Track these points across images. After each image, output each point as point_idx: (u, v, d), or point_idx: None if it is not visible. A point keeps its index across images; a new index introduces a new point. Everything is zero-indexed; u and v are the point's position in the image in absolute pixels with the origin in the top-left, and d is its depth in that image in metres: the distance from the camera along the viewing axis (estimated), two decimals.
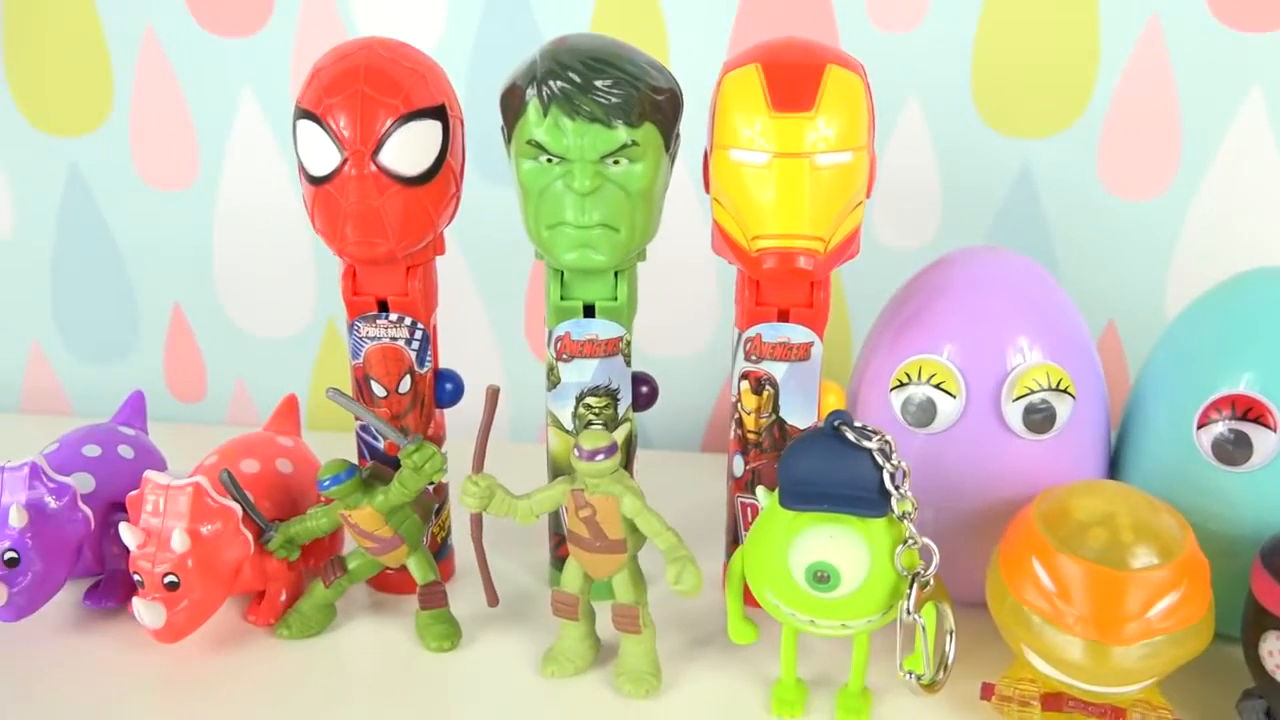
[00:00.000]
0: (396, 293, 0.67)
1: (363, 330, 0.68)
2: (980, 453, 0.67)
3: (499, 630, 0.71)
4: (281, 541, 0.69)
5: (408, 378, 0.69)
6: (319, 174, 0.63)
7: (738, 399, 0.70)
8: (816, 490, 0.58)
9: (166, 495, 0.66)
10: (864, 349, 0.74)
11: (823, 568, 0.57)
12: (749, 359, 0.68)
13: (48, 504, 0.67)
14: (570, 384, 0.69)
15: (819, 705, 0.64)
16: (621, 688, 0.64)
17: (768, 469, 0.70)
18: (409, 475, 0.65)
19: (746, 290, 0.66)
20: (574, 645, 0.66)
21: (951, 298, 0.69)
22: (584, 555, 0.63)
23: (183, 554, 0.64)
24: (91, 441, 0.74)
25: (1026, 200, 0.90)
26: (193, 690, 0.65)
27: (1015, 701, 0.61)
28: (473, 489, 0.63)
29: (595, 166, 0.62)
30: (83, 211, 1.00)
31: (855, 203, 0.63)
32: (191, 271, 1.00)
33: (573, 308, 0.67)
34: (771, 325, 0.67)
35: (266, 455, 0.73)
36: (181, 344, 1.02)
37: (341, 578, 0.69)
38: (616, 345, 0.69)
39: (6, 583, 0.65)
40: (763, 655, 0.68)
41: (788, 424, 0.69)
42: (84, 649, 0.69)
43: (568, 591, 0.65)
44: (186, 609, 0.65)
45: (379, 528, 0.66)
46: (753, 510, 0.71)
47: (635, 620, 0.64)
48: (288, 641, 0.69)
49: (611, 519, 0.62)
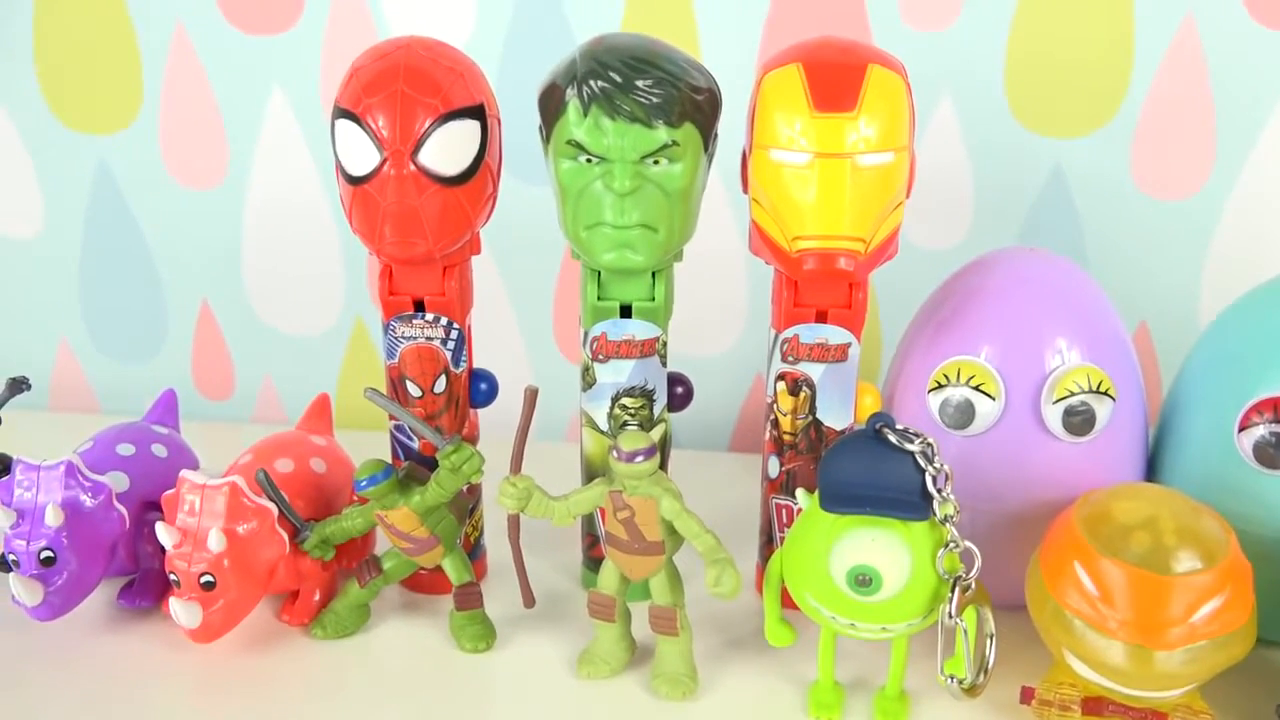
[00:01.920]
0: (433, 292, 0.67)
1: (398, 330, 0.68)
2: (1018, 455, 0.66)
3: (533, 631, 0.71)
4: (316, 541, 0.69)
5: (443, 378, 0.69)
6: (358, 174, 0.63)
7: (774, 400, 0.69)
8: (858, 493, 0.57)
9: (203, 495, 0.66)
10: (899, 351, 0.74)
11: (864, 571, 0.57)
12: (786, 360, 0.68)
13: (83, 503, 0.67)
14: (606, 384, 0.69)
15: (856, 708, 0.64)
16: (658, 690, 0.64)
17: (803, 470, 0.69)
18: (446, 476, 0.65)
19: (784, 291, 0.66)
20: (610, 647, 0.66)
21: (989, 299, 0.69)
22: (621, 557, 0.63)
23: (219, 554, 0.64)
24: (125, 440, 0.74)
25: (1059, 200, 0.90)
26: (227, 690, 0.65)
27: (1055, 706, 0.60)
28: (510, 490, 0.63)
29: (635, 167, 0.62)
30: (112, 209, 1.00)
31: (895, 203, 0.62)
32: (220, 269, 1.00)
33: (609, 308, 0.67)
34: (809, 326, 0.66)
35: (301, 454, 0.73)
36: (209, 342, 1.02)
37: (376, 578, 0.69)
38: (653, 346, 0.68)
39: (43, 581, 0.66)
40: (799, 658, 0.67)
41: (824, 425, 0.68)
42: (119, 648, 0.69)
43: (604, 593, 0.65)
44: (222, 609, 0.65)
45: (415, 529, 0.66)
46: (788, 512, 0.71)
47: (673, 622, 0.63)
48: (322, 642, 0.69)
49: (650, 521, 0.61)
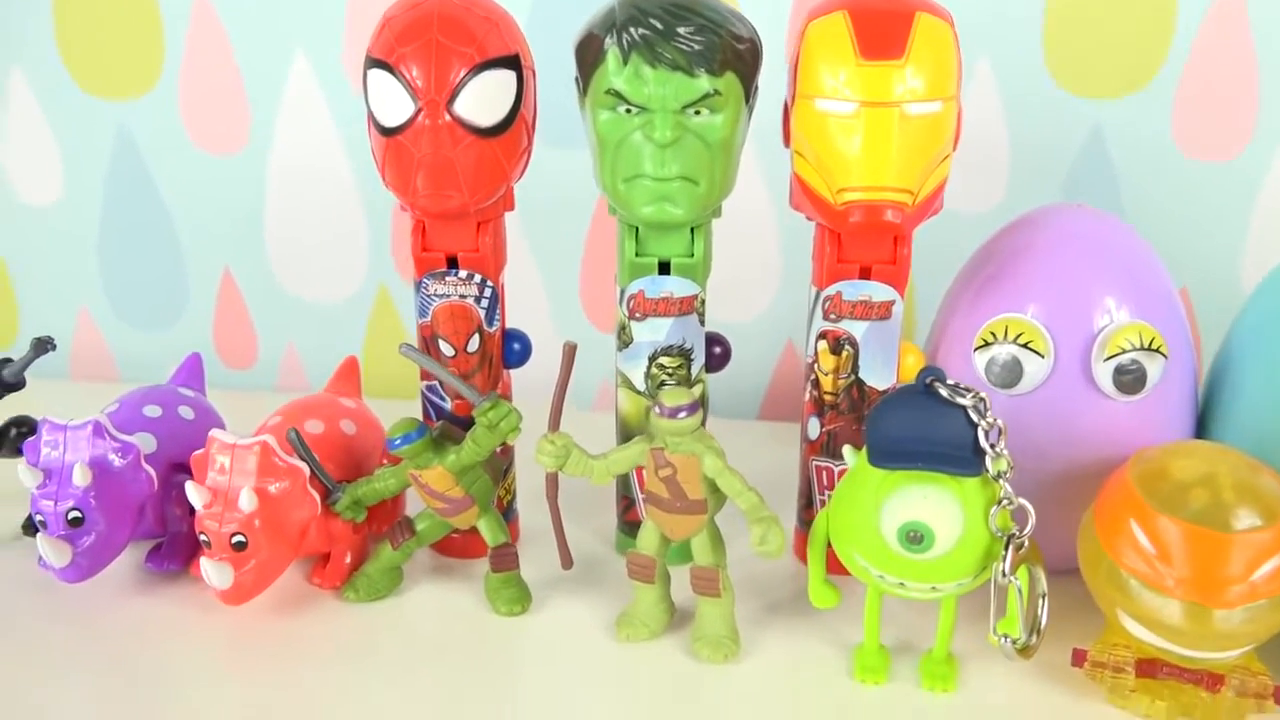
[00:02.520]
0: (466, 249, 0.66)
1: (431, 288, 0.67)
2: (1067, 414, 0.65)
3: (569, 595, 0.69)
4: (349, 503, 0.67)
5: (476, 336, 0.68)
6: (391, 125, 0.61)
7: (814, 359, 0.68)
8: (909, 449, 0.56)
9: (234, 454, 0.64)
10: (941, 310, 0.72)
11: (916, 528, 0.55)
12: (828, 318, 0.66)
13: (112, 462, 0.66)
14: (643, 343, 0.67)
15: (901, 672, 0.62)
16: (699, 652, 0.63)
17: (845, 431, 0.68)
18: (483, 434, 0.64)
19: (827, 246, 0.64)
20: (649, 609, 0.65)
21: (1035, 256, 0.67)
22: (662, 516, 0.62)
23: (250, 513, 0.63)
24: (152, 402, 0.72)
25: (1098, 162, 0.88)
26: (258, 653, 0.64)
27: (1109, 668, 0.59)
28: (549, 447, 0.61)
29: (676, 117, 0.60)
30: (132, 176, 0.99)
31: (943, 155, 0.61)
32: (242, 236, 0.99)
33: (647, 264, 0.66)
34: (852, 283, 0.65)
35: (330, 416, 0.72)
36: (231, 309, 1.01)
37: (409, 540, 0.68)
38: (691, 304, 0.67)
39: (70, 542, 0.64)
40: (840, 621, 0.66)
41: (866, 385, 0.67)
42: (147, 612, 0.67)
43: (644, 553, 0.63)
44: (254, 570, 0.64)
45: (450, 488, 0.65)
46: (828, 474, 0.70)
47: (715, 583, 0.62)
48: (354, 605, 0.68)
49: (692, 479, 0.60)
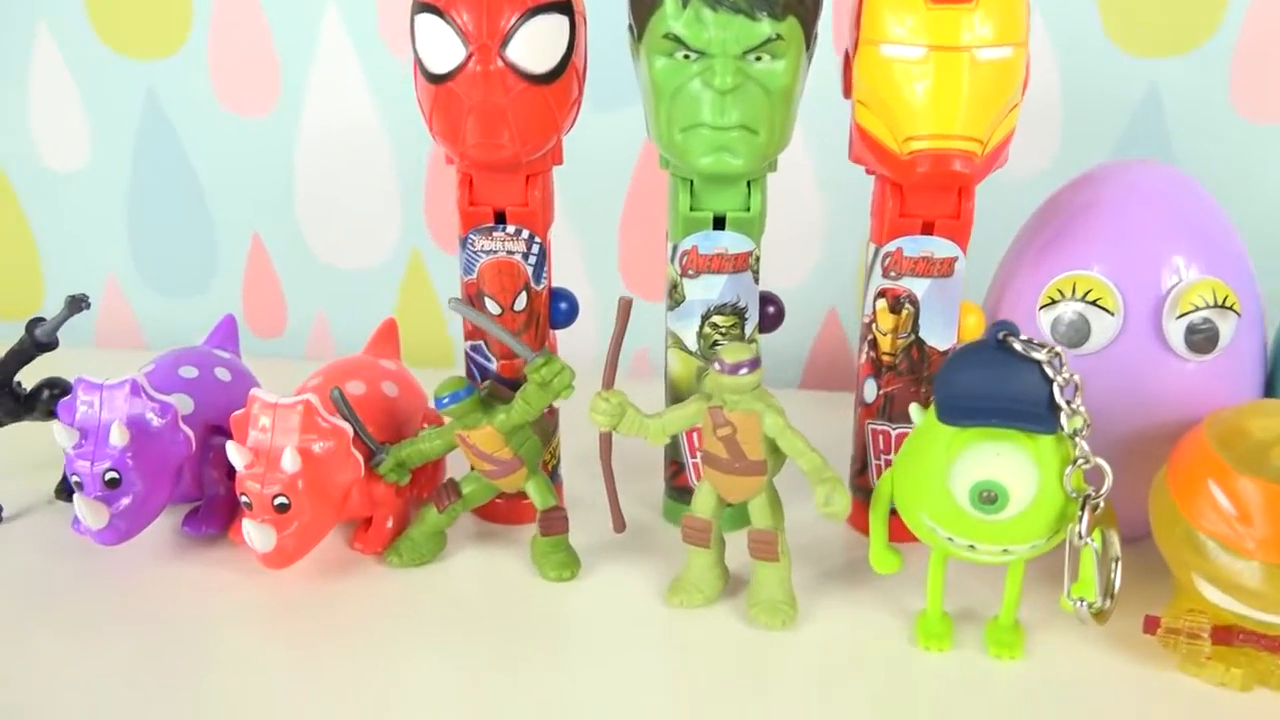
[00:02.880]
0: (515, 203, 0.64)
1: (477, 244, 0.65)
2: (1136, 375, 0.63)
3: (616, 561, 0.67)
4: (393, 464, 0.65)
5: (524, 294, 0.66)
6: (440, 71, 0.59)
7: (872, 319, 0.66)
8: (982, 405, 0.54)
9: (276, 413, 0.62)
10: (1000, 271, 0.70)
11: (990, 487, 0.53)
12: (887, 275, 0.64)
13: (150, 422, 0.64)
14: (696, 301, 0.65)
15: (965, 639, 0.60)
16: (757, 618, 0.61)
17: (903, 393, 0.66)
18: (534, 392, 0.62)
19: (889, 200, 0.62)
20: (703, 574, 0.63)
21: (1100, 213, 0.65)
22: (720, 477, 0.60)
23: (294, 474, 0.61)
24: (187, 363, 0.71)
25: (1153, 123, 0.86)
26: (298, 619, 0.62)
27: (1184, 634, 0.57)
28: (603, 406, 0.59)
29: (737, 63, 0.58)
30: (160, 139, 0.97)
31: (1012, 104, 0.59)
32: (272, 201, 0.97)
33: (702, 219, 0.63)
34: (914, 239, 0.63)
35: (372, 378, 0.70)
36: (261, 276, 0.99)
37: (456, 503, 0.66)
38: (746, 260, 0.65)
39: (107, 503, 0.62)
40: (899, 588, 0.64)
41: (927, 345, 0.65)
42: (184, 577, 0.65)
43: (700, 516, 0.61)
44: (296, 532, 0.62)
45: (499, 449, 0.63)
46: (884, 438, 0.67)
47: (773, 546, 0.60)
48: (397, 570, 0.66)
49: (752, 438, 0.58)
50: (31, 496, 0.74)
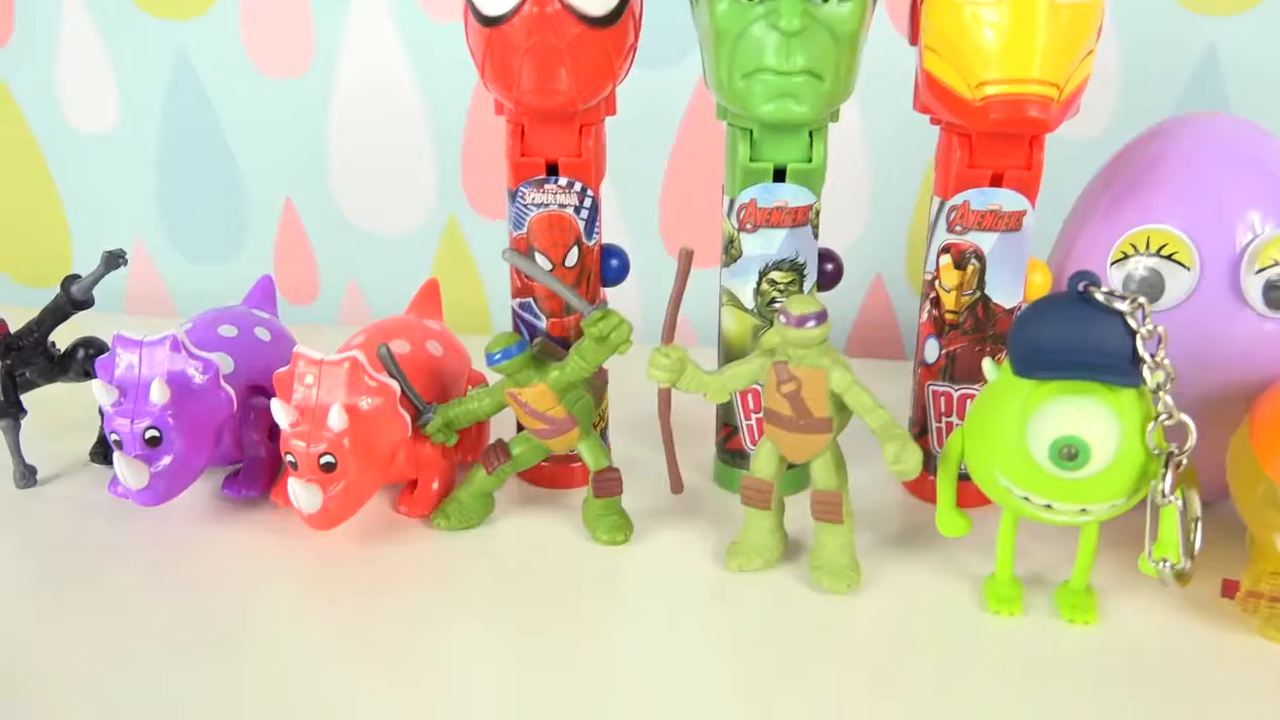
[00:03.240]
0: (568, 154, 0.62)
1: (528, 196, 0.63)
2: (1212, 332, 0.60)
3: (669, 525, 0.66)
4: (440, 424, 0.63)
5: (575, 249, 0.64)
6: (494, 13, 0.57)
7: (935, 276, 0.64)
8: (1062, 358, 0.52)
9: (322, 370, 0.60)
10: (1064, 229, 0.68)
11: (1071, 443, 0.51)
12: (952, 230, 0.62)
13: (191, 379, 0.62)
14: (753, 257, 0.63)
15: (1034, 604, 0.58)
16: (820, 582, 0.59)
17: (967, 353, 0.64)
18: (590, 346, 0.59)
19: (956, 151, 0.60)
20: (762, 538, 0.61)
21: (1172, 167, 0.63)
22: (783, 436, 0.58)
23: (340, 432, 0.59)
24: (227, 322, 0.69)
25: (1211, 84, 0.83)
26: (342, 583, 0.60)
27: (1265, 598, 0.55)
28: (663, 361, 0.57)
29: (804, 4, 0.56)
30: (190, 101, 0.95)
31: (1088, 49, 0.56)
32: (304, 164, 0.95)
33: (762, 170, 0.61)
34: (982, 191, 0.61)
35: (417, 337, 0.68)
36: (292, 242, 0.97)
37: (505, 464, 0.64)
38: (806, 214, 0.63)
39: (147, 462, 0.61)
40: (962, 552, 0.62)
41: (992, 302, 0.62)
42: (225, 540, 0.64)
43: (761, 478, 0.59)
44: (342, 493, 0.60)
45: (551, 407, 0.61)
46: (946, 399, 0.65)
47: (838, 508, 0.58)
48: (444, 533, 0.64)
49: (818, 395, 0.56)
50: (66, 460, 0.72)
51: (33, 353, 0.69)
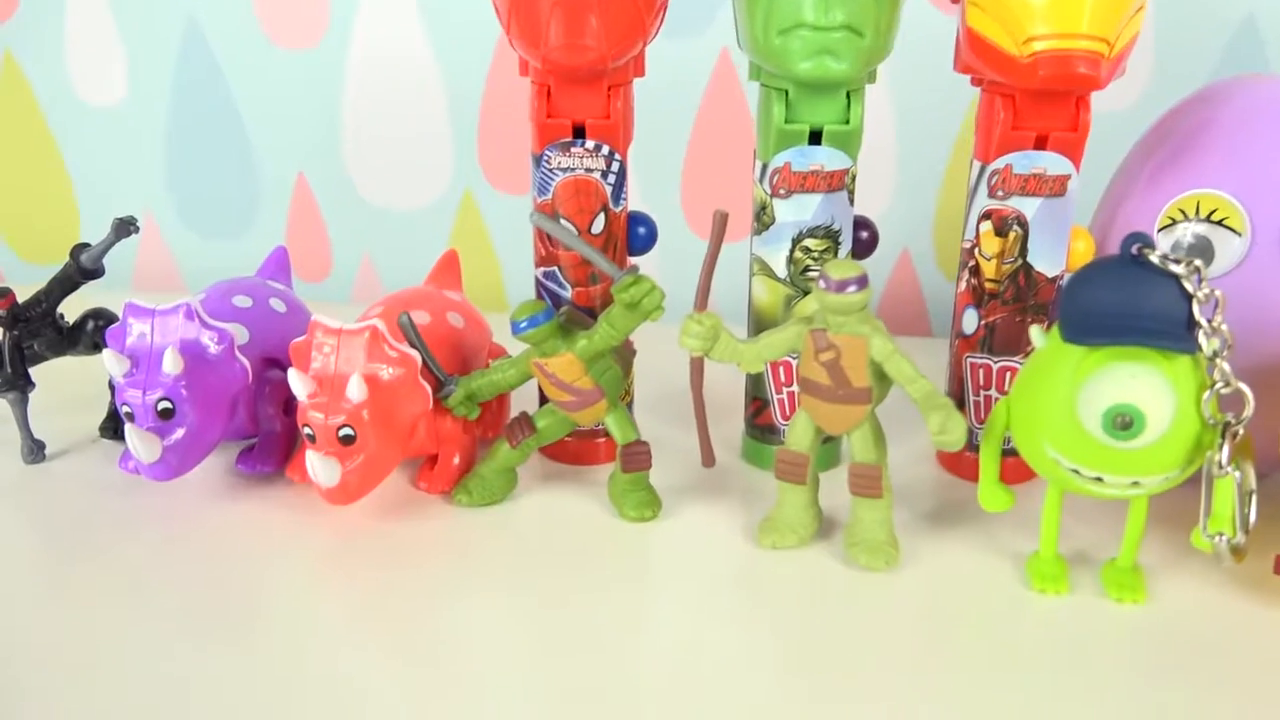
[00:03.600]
0: (596, 115, 0.60)
1: (554, 160, 0.60)
2: (1264, 299, 0.58)
3: (697, 502, 0.63)
4: (462, 397, 0.61)
5: (602, 216, 0.62)
6: None
7: (974, 244, 0.61)
8: (1116, 323, 0.50)
9: (340, 339, 0.58)
10: (1106, 196, 0.66)
11: (1125, 411, 0.49)
12: (994, 195, 0.60)
13: (205, 349, 0.60)
14: (787, 224, 0.61)
15: (1079, 582, 0.56)
16: (857, 558, 0.56)
17: (1007, 324, 0.62)
18: (620, 314, 0.57)
19: (999, 112, 0.58)
20: (796, 514, 0.58)
21: (1220, 131, 0.61)
22: (820, 406, 0.56)
23: (359, 404, 0.57)
24: (241, 293, 0.67)
25: (1250, 55, 0.81)
26: (360, 560, 0.58)
27: None
28: (695, 329, 0.55)
29: None
30: (201, 72, 0.93)
31: (1139, 6, 0.54)
32: (317, 138, 0.93)
33: (797, 133, 0.59)
34: (1025, 154, 0.58)
35: (437, 308, 0.66)
36: (305, 217, 0.95)
37: (529, 438, 0.62)
38: (843, 179, 0.60)
39: (159, 435, 0.58)
40: (1000, 530, 0.60)
41: (1035, 270, 0.60)
42: (238, 517, 0.62)
43: (796, 450, 0.57)
44: (361, 466, 0.58)
45: (579, 378, 0.59)
46: (985, 372, 0.63)
47: (877, 481, 0.56)
48: (466, 510, 0.62)
49: (858, 363, 0.54)
50: (75, 435, 0.70)
51: (41, 324, 0.67)
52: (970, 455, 0.65)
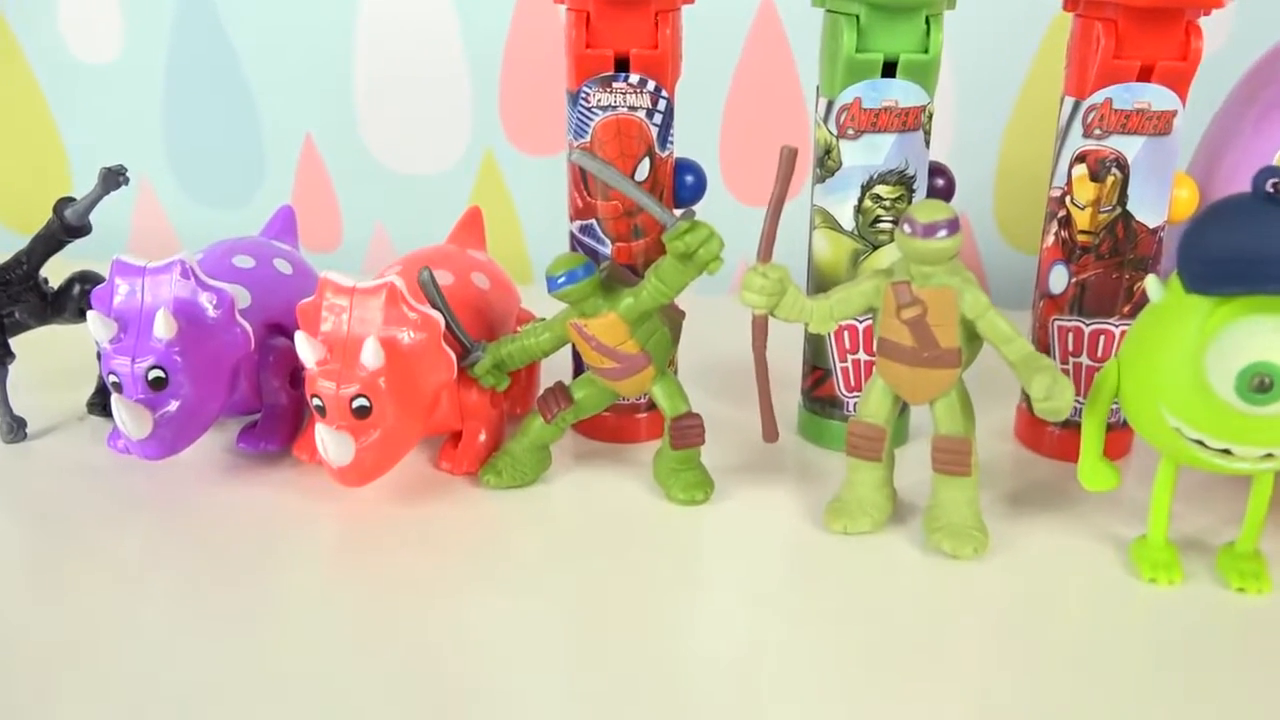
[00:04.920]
0: (642, 45, 0.53)
1: (593, 97, 0.54)
2: None
3: (751, 483, 0.57)
4: (490, 365, 0.55)
5: (647, 160, 0.55)
6: None
7: (1066, 191, 0.55)
8: (1251, 269, 0.43)
9: (354, 299, 0.52)
10: (1204, 143, 0.60)
11: (1264, 370, 0.42)
12: (1089, 134, 0.53)
13: (203, 310, 0.54)
14: (854, 168, 0.54)
15: (1193, 571, 0.49)
16: (940, 545, 0.50)
17: (1102, 282, 0.55)
18: (672, 267, 0.50)
19: (1100, 39, 0.51)
20: (869, 494, 0.52)
21: None
22: (901, 372, 0.49)
23: (375, 371, 0.50)
24: (243, 252, 0.60)
25: None
26: (376, 548, 0.52)
27: None
28: (759, 282, 0.49)
29: None
30: (201, 26, 0.88)
31: None
32: (327, 97, 0.87)
33: (870, 63, 0.52)
34: (1127, 87, 0.52)
35: (461, 268, 0.59)
36: (313, 182, 0.90)
37: (566, 410, 0.55)
38: (918, 117, 0.54)
39: (150, 408, 0.52)
40: (1094, 512, 0.54)
41: (1134, 220, 0.53)
42: (240, 501, 0.55)
43: (872, 423, 0.51)
44: (377, 443, 0.51)
45: (623, 341, 0.52)
46: (1075, 336, 0.56)
47: (965, 457, 0.49)
48: (494, 492, 0.56)
49: (947, 320, 0.47)
50: (60, 412, 0.64)
51: (21, 288, 0.60)
52: (1052, 430, 0.59)
